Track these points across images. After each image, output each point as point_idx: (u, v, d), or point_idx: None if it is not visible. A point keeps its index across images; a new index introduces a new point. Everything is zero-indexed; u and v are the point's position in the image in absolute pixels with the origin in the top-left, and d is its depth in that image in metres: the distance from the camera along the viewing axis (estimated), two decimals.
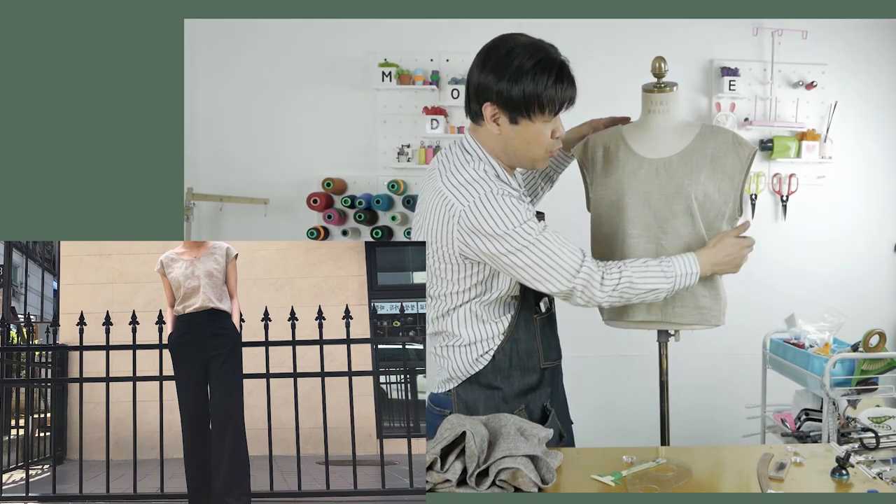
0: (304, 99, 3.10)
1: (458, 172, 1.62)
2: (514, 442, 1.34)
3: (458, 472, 1.33)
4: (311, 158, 3.10)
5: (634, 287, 1.63)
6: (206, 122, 3.10)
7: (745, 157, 1.83)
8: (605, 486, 1.34)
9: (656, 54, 1.92)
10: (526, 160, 1.67)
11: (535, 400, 1.72)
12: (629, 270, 1.63)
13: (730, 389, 3.05)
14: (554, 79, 1.57)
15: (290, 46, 3.07)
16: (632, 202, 1.83)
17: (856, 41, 3.09)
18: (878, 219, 3.16)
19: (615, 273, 1.62)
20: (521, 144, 1.63)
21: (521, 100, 1.56)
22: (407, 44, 3.05)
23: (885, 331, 2.25)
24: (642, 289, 1.64)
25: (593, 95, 2.99)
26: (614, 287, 1.62)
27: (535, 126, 1.60)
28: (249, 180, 3.09)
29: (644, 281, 1.64)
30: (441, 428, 1.39)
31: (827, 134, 3.05)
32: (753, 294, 2.93)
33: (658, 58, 1.91)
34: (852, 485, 1.32)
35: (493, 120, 1.61)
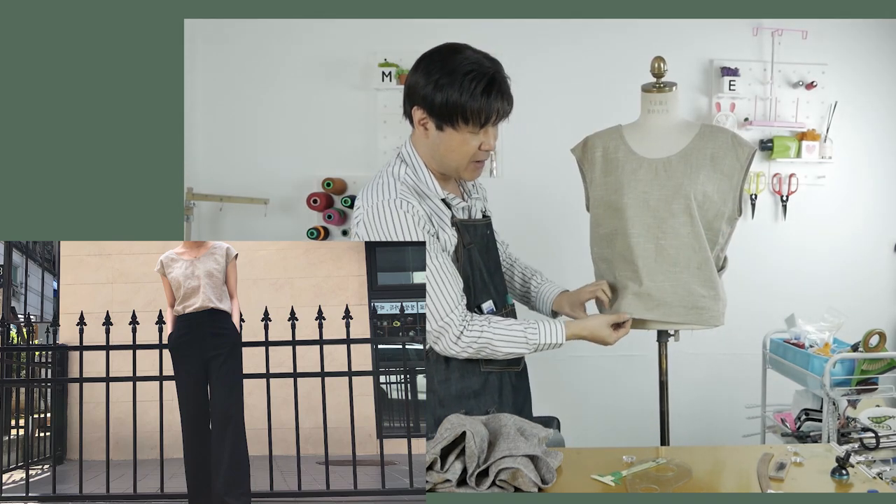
0: (305, 99, 3.10)
1: (378, 175, 1.64)
2: (514, 442, 1.34)
3: (458, 472, 1.33)
4: (311, 158, 3.10)
5: (492, 346, 1.63)
6: (206, 123, 3.10)
7: (744, 157, 1.83)
8: (605, 486, 1.34)
9: (656, 54, 1.92)
10: (451, 168, 1.66)
11: (476, 406, 1.71)
12: (490, 331, 1.62)
13: (730, 389, 3.05)
14: (481, 90, 1.53)
15: (290, 46, 3.07)
16: (631, 202, 1.83)
17: (856, 41, 3.09)
18: (878, 219, 3.15)
19: (475, 330, 1.61)
20: (446, 152, 1.62)
21: (444, 107, 1.54)
22: (407, 44, 3.04)
23: (885, 331, 2.25)
24: (501, 351, 1.65)
25: (593, 95, 3.03)
26: (470, 343, 1.61)
27: (460, 135, 1.58)
28: (249, 180, 3.09)
29: (504, 344, 1.64)
30: (441, 428, 1.39)
31: (827, 134, 3.05)
32: (753, 294, 2.93)
33: (658, 58, 1.91)
34: (852, 485, 1.32)
35: (421, 124, 1.61)
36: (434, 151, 1.64)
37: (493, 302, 1.75)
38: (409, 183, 1.63)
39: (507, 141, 2.99)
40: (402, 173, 1.64)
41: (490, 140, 1.62)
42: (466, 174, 1.67)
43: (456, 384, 1.71)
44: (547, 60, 3.05)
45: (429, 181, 1.65)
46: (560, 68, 3.04)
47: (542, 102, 3.02)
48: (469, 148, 1.60)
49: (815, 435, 2.33)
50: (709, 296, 1.84)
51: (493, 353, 1.65)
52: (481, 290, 1.73)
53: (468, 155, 1.61)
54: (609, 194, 1.88)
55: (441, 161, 1.65)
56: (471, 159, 1.63)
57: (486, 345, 1.63)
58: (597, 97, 2.99)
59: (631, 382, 3.08)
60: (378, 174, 1.67)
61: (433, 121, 1.58)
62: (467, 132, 1.58)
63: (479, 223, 1.77)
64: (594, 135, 2.00)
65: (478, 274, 1.73)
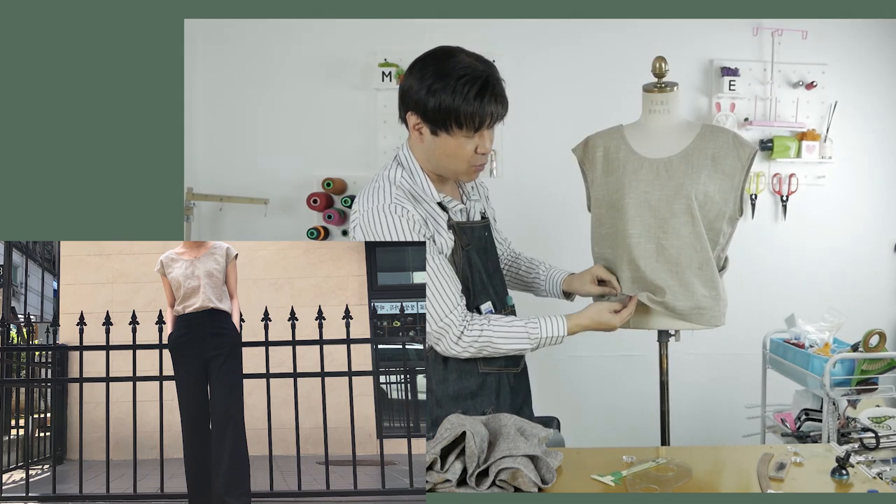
0: (305, 99, 3.10)
1: (374, 179, 1.64)
2: (514, 442, 1.34)
3: (458, 472, 1.33)
4: (311, 158, 3.10)
5: (494, 345, 1.63)
6: (206, 123, 3.10)
7: (745, 157, 1.83)
8: (605, 486, 1.34)
9: (656, 54, 1.92)
10: (448, 172, 1.65)
11: (473, 407, 1.71)
12: (491, 330, 1.62)
13: (730, 389, 3.05)
14: (475, 94, 1.51)
15: (290, 46, 3.07)
16: (632, 202, 1.83)
17: (856, 41, 3.09)
18: (878, 219, 3.15)
19: (475, 330, 1.61)
20: (443, 157, 1.61)
21: (438, 112, 1.53)
22: (407, 44, 3.04)
23: (885, 331, 2.25)
24: (503, 349, 1.64)
25: (593, 95, 3.03)
26: (471, 343, 1.61)
27: (455, 140, 1.56)
28: (249, 180, 3.09)
29: (505, 341, 1.63)
30: (441, 428, 1.39)
31: (827, 134, 3.05)
32: (753, 294, 2.93)
33: (658, 58, 1.91)
34: (852, 485, 1.32)
35: (416, 129, 1.60)
36: (430, 155, 1.63)
37: (493, 303, 1.74)
38: (404, 187, 1.63)
39: (507, 141, 2.99)
40: (399, 177, 1.64)
41: (486, 143, 1.60)
42: (464, 177, 1.67)
43: (453, 385, 1.70)
44: (547, 60, 3.04)
45: (425, 185, 1.65)
46: (560, 68, 3.04)
47: (542, 102, 3.02)
48: (465, 152, 1.59)
49: (815, 435, 2.33)
50: (710, 296, 1.84)
51: (494, 350, 1.64)
52: (480, 292, 1.73)
53: (465, 159, 1.60)
54: (610, 194, 1.88)
55: (437, 165, 1.64)
56: (468, 163, 1.62)
57: (487, 343, 1.62)
58: (597, 97, 2.99)
59: (631, 382, 3.08)
60: (374, 178, 1.67)
61: (427, 126, 1.58)
62: (462, 136, 1.56)
63: (476, 225, 1.77)
64: (595, 135, 1.99)
65: (477, 275, 1.72)
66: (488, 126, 1.58)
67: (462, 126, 1.54)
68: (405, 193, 1.61)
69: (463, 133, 1.56)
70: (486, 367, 1.72)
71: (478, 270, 1.72)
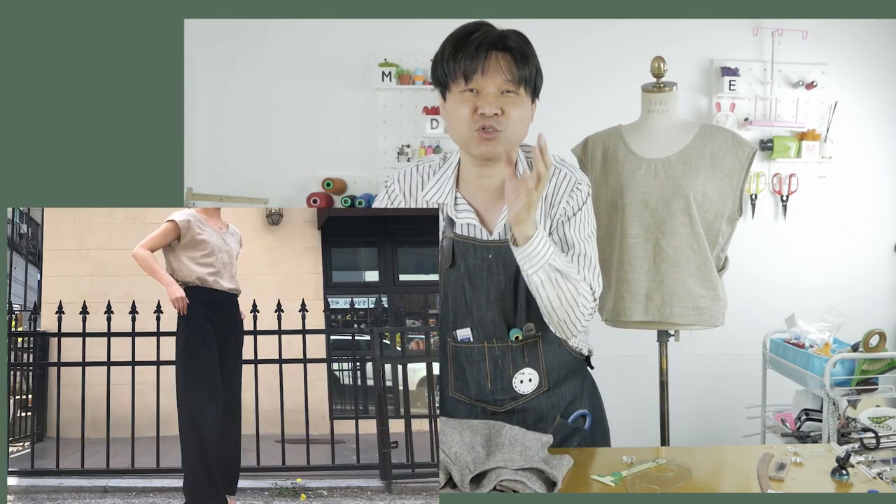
0: (305, 99, 3.10)
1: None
2: (508, 453, 1.32)
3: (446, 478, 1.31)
4: (311, 158, 3.10)
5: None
6: (206, 122, 3.10)
7: (744, 157, 1.83)
8: (605, 486, 1.33)
9: (656, 54, 1.92)
10: (460, 142, 1.54)
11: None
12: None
13: (730, 389, 3.04)
14: (452, 49, 1.47)
15: (290, 46, 3.07)
16: (630, 202, 1.83)
17: (856, 41, 3.09)
18: (878, 219, 3.15)
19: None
20: (449, 125, 1.54)
21: (434, 74, 1.53)
22: (407, 44, 3.05)
23: (885, 331, 2.25)
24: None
25: (593, 95, 3.02)
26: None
27: (453, 99, 1.49)
28: (249, 180, 3.08)
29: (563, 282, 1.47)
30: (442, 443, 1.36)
31: (827, 134, 3.05)
32: (753, 294, 2.93)
33: (657, 58, 1.91)
34: (852, 485, 1.32)
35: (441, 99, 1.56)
36: (448, 127, 1.58)
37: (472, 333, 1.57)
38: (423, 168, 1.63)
39: None
40: (429, 160, 1.64)
41: (485, 105, 1.46)
42: (473, 146, 1.50)
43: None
44: (546, 60, 3.03)
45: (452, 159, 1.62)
46: (560, 68, 3.03)
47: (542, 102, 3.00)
48: (462, 112, 1.48)
49: (815, 435, 2.33)
50: (708, 296, 1.84)
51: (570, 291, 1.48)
52: (463, 317, 1.58)
53: (465, 121, 1.48)
54: (609, 194, 1.89)
55: (452, 136, 1.55)
56: (468, 126, 1.48)
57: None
58: (597, 97, 2.99)
59: (631, 382, 3.07)
60: None
61: (440, 95, 1.55)
62: (457, 93, 1.49)
63: (479, 244, 1.55)
64: (594, 135, 1.99)
65: (461, 297, 1.57)
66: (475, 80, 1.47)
67: (447, 82, 1.50)
68: (413, 173, 1.61)
69: (458, 91, 1.48)
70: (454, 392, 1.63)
71: (462, 292, 1.56)
